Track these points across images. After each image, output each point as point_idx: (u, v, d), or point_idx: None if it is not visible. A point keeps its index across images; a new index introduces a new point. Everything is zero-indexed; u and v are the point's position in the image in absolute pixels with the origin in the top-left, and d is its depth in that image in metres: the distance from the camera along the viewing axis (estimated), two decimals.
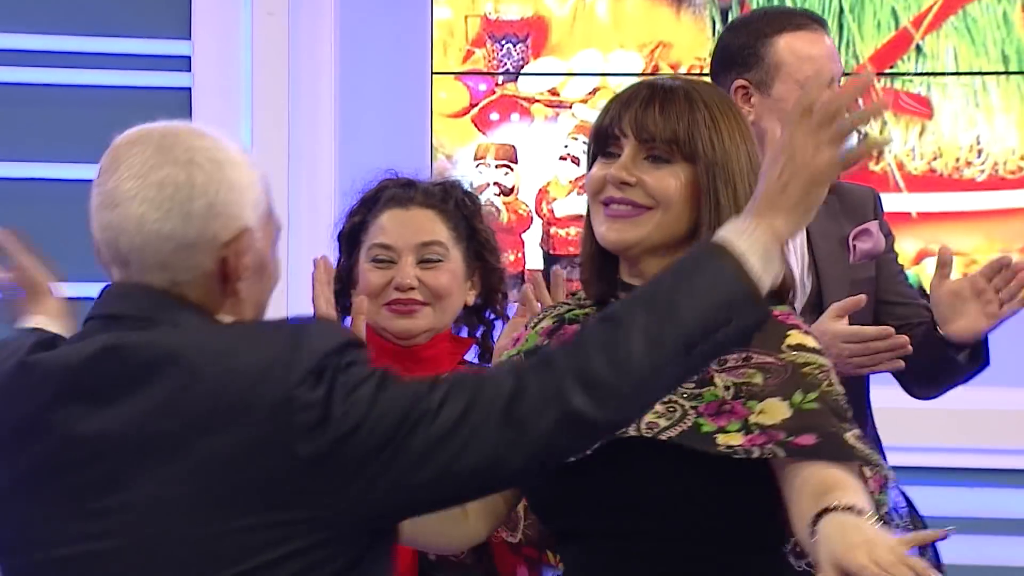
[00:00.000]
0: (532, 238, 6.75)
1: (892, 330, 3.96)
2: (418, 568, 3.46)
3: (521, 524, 3.12)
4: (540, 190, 6.79)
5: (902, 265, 4.58)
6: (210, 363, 2.17)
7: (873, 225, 4.30)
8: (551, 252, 6.79)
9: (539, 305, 3.43)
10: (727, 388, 2.67)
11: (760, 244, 2.23)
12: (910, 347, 3.91)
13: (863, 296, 3.88)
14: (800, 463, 2.51)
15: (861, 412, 4.12)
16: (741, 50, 4.24)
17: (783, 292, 2.73)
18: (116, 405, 2.18)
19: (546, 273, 5.56)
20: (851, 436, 2.57)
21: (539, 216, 6.78)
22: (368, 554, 2.23)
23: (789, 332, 2.72)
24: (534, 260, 6.71)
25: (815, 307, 4.16)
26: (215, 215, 2.23)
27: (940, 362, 4.11)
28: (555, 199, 6.83)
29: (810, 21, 4.30)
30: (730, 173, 2.64)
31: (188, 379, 2.16)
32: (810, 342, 2.73)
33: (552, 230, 6.82)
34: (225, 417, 2.14)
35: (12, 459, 2.27)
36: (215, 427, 2.14)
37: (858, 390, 4.33)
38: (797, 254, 4.22)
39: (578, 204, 6.73)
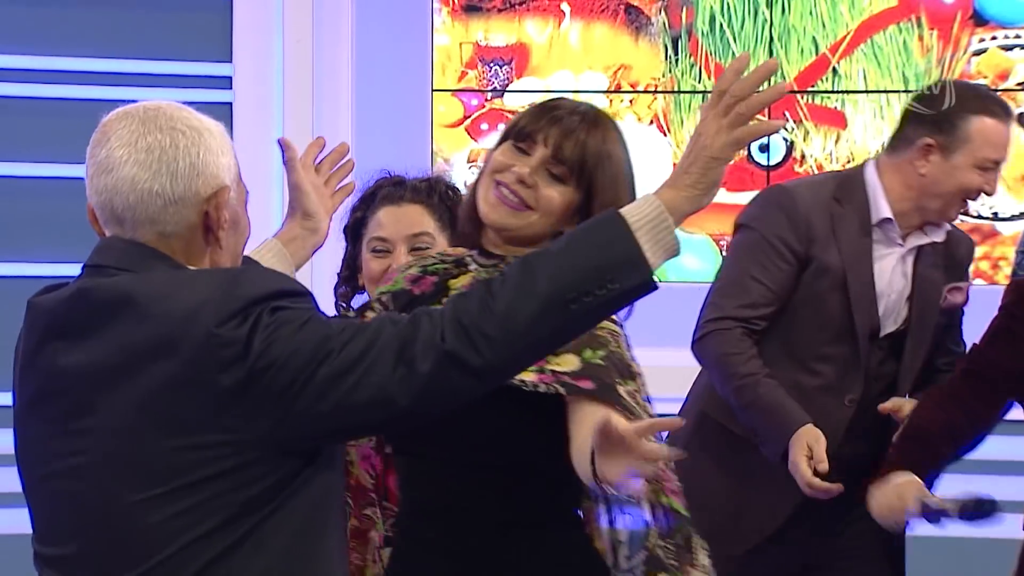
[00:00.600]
0: None
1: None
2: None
3: None
4: None
5: (962, 317, 4.83)
6: (154, 303, 2.36)
7: (966, 284, 4.65)
8: None
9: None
10: None
11: (654, 216, 2.36)
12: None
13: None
14: (582, 402, 2.77)
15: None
16: (941, 114, 4.47)
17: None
18: (85, 341, 2.40)
19: None
20: (624, 390, 2.84)
21: None
22: (301, 473, 2.42)
23: None
24: None
25: (901, 333, 4.56)
26: (197, 174, 2.44)
27: None
28: None
29: (1003, 112, 4.53)
30: (612, 203, 2.72)
31: (137, 317, 2.35)
32: None
33: None
34: (163, 351, 2.33)
35: (21, 389, 2.52)
36: (156, 360, 2.33)
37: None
38: (906, 279, 4.56)
39: None
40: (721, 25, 7.21)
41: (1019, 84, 7.33)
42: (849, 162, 7.19)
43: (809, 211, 4.41)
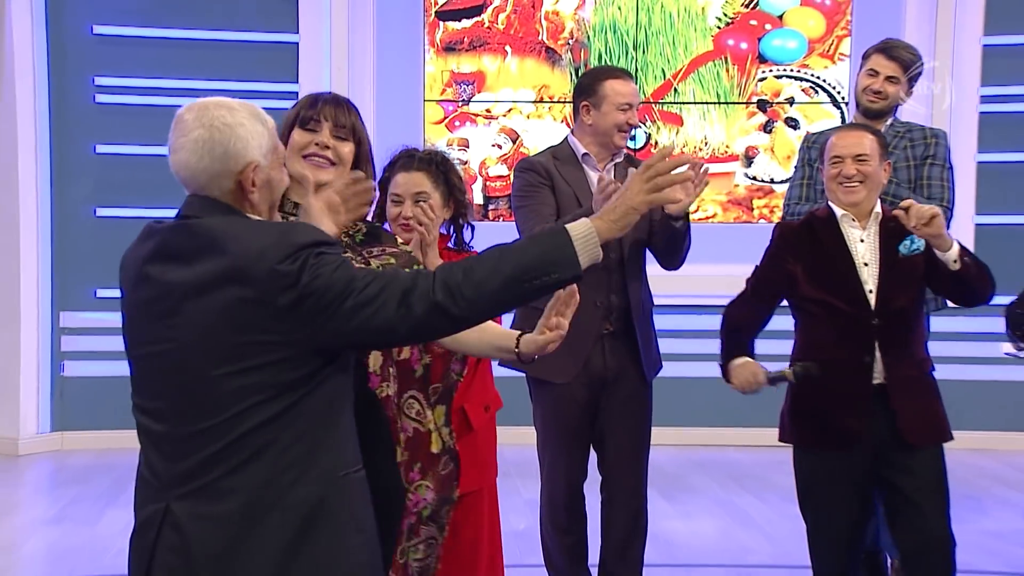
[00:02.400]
0: (476, 187, 9.04)
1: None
2: None
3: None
4: (481, 162, 9.15)
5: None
6: (233, 242, 2.71)
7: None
8: (486, 194, 9.16)
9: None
10: (379, 267, 3.32)
11: (587, 235, 2.74)
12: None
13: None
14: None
15: None
16: (587, 86, 5.24)
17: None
18: (183, 263, 2.73)
19: (484, 208, 8.44)
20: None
21: (480, 175, 9.15)
22: (322, 370, 2.76)
23: (399, 239, 3.66)
24: (477, 198, 8.99)
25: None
26: (228, 156, 2.78)
27: (669, 236, 4.96)
28: (488, 166, 9.19)
29: (624, 74, 5.31)
30: (366, 144, 3.40)
31: (221, 252, 2.70)
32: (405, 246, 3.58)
33: (487, 183, 9.17)
34: (238, 277, 2.67)
35: (133, 288, 2.84)
36: (233, 283, 2.67)
37: None
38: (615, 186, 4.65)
39: (502, 169, 9.08)
40: (605, 60, 8.82)
41: (787, 99, 9.09)
42: (685, 147, 8.99)
43: (543, 165, 5.16)
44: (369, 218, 4.03)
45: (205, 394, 2.70)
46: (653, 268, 5.15)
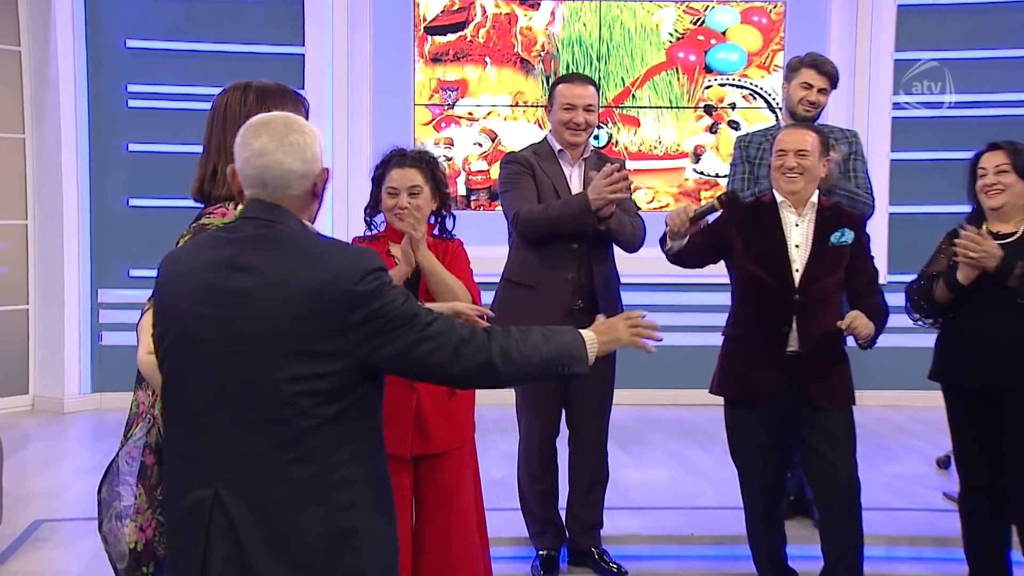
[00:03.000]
0: (460, 180, 8.96)
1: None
2: None
3: None
4: (464, 159, 9.06)
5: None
6: (313, 259, 2.67)
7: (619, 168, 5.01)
8: (468, 186, 9.06)
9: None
10: None
11: (592, 342, 2.93)
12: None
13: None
14: None
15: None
16: (549, 92, 5.33)
17: None
18: (260, 272, 2.65)
19: (467, 199, 8.40)
20: None
21: (463, 170, 9.05)
22: (370, 389, 2.75)
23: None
24: (461, 190, 8.93)
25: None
26: (312, 159, 2.74)
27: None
28: (471, 162, 9.08)
29: (576, 79, 5.30)
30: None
31: (300, 268, 2.65)
32: None
33: (469, 177, 9.06)
34: (316, 293, 2.63)
35: (193, 294, 2.72)
36: (311, 297, 2.63)
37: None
38: (580, 181, 5.13)
39: (482, 164, 9.00)
40: (572, 69, 8.79)
41: (729, 104, 9.07)
42: (642, 145, 9.00)
43: (527, 158, 5.19)
44: (363, 209, 4.26)
45: (265, 394, 2.64)
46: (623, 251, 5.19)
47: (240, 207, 2.93)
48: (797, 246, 4.68)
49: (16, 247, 8.63)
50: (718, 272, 4.97)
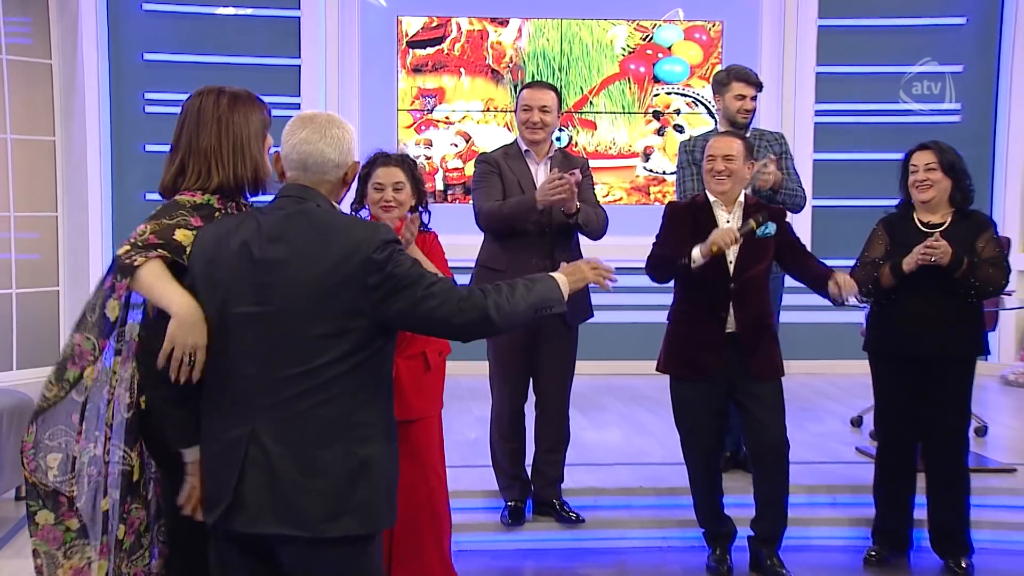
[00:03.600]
0: (439, 176, 8.91)
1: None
2: None
3: None
4: (441, 158, 9.00)
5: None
6: (338, 233, 2.74)
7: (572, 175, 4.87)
8: (446, 182, 8.97)
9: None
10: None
11: (565, 283, 2.94)
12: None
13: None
14: None
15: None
16: (516, 96, 5.34)
17: None
18: (293, 244, 2.73)
19: (444, 193, 8.38)
20: None
21: (441, 168, 8.99)
22: (384, 343, 2.81)
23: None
24: (439, 185, 8.86)
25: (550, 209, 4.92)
26: (348, 152, 2.82)
27: (574, 225, 4.99)
28: (447, 161, 9.01)
29: (536, 85, 5.26)
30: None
31: (329, 240, 2.72)
32: None
33: (446, 174, 8.98)
34: (341, 262, 2.69)
35: (230, 263, 2.77)
36: (337, 266, 2.69)
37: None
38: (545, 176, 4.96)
39: (458, 163, 8.93)
40: (536, 79, 8.55)
41: (674, 110, 9.04)
42: (599, 146, 8.97)
43: (496, 158, 5.16)
44: (349, 203, 4.15)
45: (298, 347, 2.71)
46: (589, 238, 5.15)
47: (207, 195, 2.99)
48: None
49: (47, 236, 8.60)
50: None
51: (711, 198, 4.76)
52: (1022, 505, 5.56)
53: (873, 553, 5.14)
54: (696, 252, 4.55)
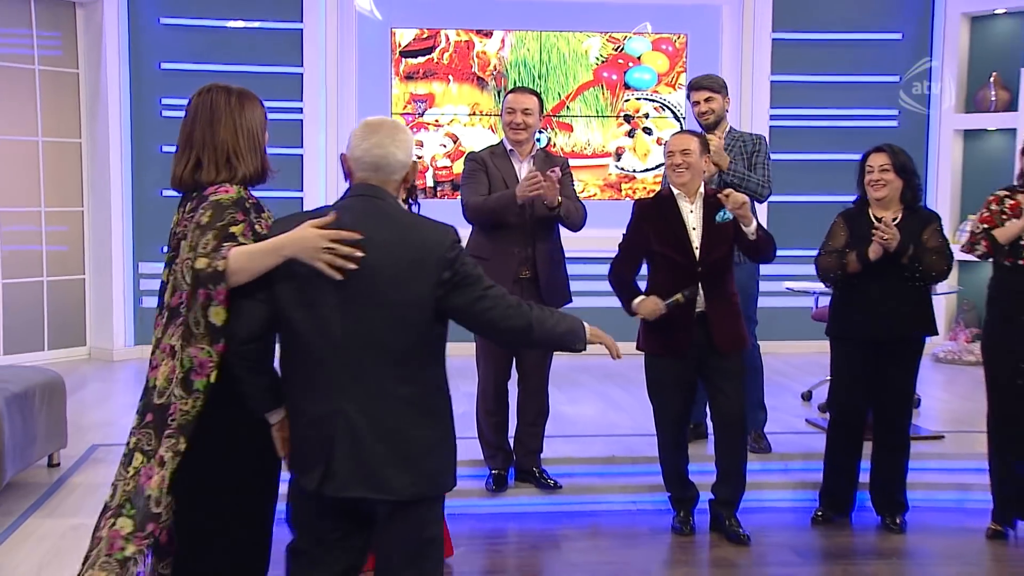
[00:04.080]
0: (429, 174, 8.84)
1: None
2: None
3: None
4: (431, 157, 8.92)
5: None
6: (413, 231, 2.79)
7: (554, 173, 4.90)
8: (435, 179, 8.90)
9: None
10: (262, 229, 2.95)
11: (589, 331, 2.96)
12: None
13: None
14: None
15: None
16: (502, 100, 5.27)
17: None
18: (374, 240, 2.74)
19: (434, 189, 8.33)
20: None
21: (431, 166, 8.91)
22: (445, 330, 2.87)
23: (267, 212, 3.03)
24: (429, 182, 8.81)
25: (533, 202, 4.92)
26: (410, 154, 2.84)
27: (556, 218, 4.99)
28: (437, 160, 8.95)
29: (520, 90, 5.20)
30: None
31: (407, 239, 2.76)
32: None
33: (436, 172, 8.92)
34: (418, 260, 2.74)
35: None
36: (413, 262, 2.74)
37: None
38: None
39: (446, 162, 8.88)
40: (518, 85, 7.94)
41: (644, 114, 9.01)
42: (575, 146, 8.92)
43: (483, 157, 5.15)
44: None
45: (376, 335, 2.76)
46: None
47: (238, 187, 2.96)
48: (694, 228, 4.72)
49: (74, 229, 8.60)
50: None
51: (675, 191, 4.77)
52: (949, 468, 5.62)
53: (819, 513, 5.21)
54: (636, 306, 4.67)
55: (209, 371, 2.88)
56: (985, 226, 4.87)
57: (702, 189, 4.78)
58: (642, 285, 4.81)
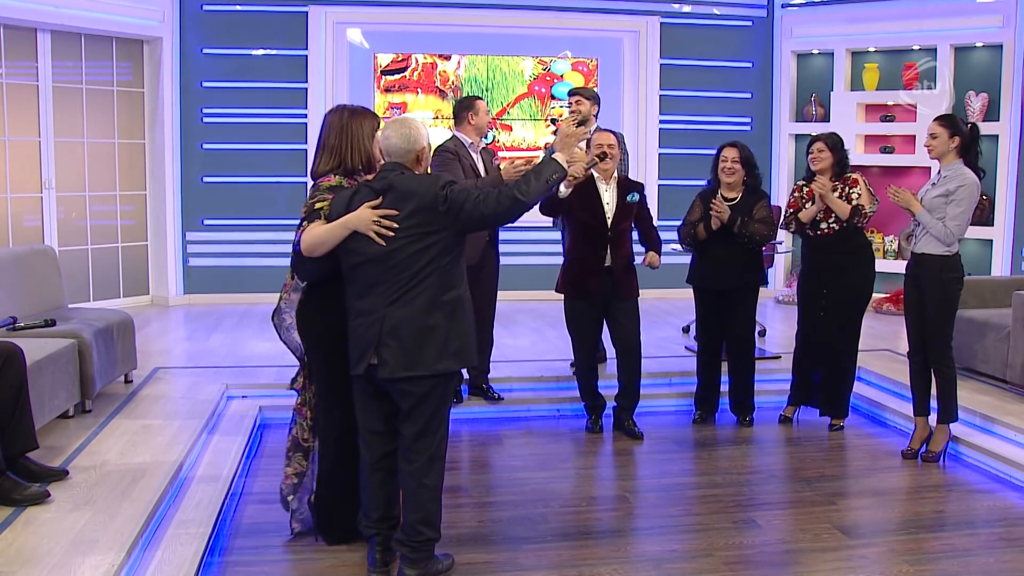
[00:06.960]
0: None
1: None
2: None
3: None
4: None
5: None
6: (418, 186, 2.78)
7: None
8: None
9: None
10: (322, 207, 2.99)
11: (561, 157, 2.86)
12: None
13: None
14: None
15: None
16: (468, 105, 4.86)
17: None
18: (390, 196, 2.77)
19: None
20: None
21: None
22: (458, 240, 2.83)
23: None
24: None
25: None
26: (414, 141, 2.83)
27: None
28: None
29: (473, 99, 4.93)
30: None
31: (411, 195, 2.77)
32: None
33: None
34: (422, 203, 2.75)
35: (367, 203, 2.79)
36: (419, 206, 2.76)
37: None
38: (486, 166, 4.77)
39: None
40: (469, 94, 7.36)
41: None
42: (513, 142, 8.65)
43: (452, 148, 4.79)
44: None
45: (406, 257, 2.80)
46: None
47: (338, 176, 3.05)
48: (608, 204, 4.64)
49: (139, 207, 8.41)
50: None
51: (595, 175, 4.68)
52: (783, 379, 5.54)
53: (696, 416, 5.20)
54: (563, 188, 4.47)
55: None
56: (792, 210, 4.87)
57: (616, 174, 4.69)
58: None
